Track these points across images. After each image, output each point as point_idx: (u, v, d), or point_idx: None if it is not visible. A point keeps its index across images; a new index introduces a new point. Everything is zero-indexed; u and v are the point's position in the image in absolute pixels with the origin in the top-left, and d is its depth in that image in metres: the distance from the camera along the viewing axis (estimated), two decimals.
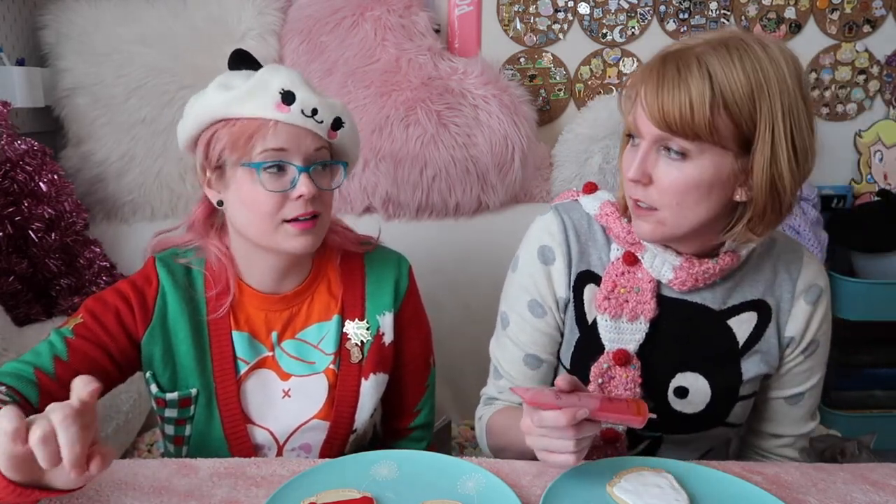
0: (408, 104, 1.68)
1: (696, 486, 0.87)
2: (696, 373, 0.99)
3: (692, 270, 0.94)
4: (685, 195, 0.86)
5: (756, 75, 0.82)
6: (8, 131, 1.50)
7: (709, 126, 0.82)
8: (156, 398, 1.02)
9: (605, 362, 0.98)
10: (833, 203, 1.98)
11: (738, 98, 0.82)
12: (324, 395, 1.06)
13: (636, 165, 0.87)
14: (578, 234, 1.02)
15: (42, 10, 1.74)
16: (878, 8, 1.93)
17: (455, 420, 1.70)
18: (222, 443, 1.03)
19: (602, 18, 1.93)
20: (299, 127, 0.96)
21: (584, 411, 0.78)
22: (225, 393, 1.03)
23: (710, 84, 0.82)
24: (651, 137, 0.87)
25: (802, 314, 1.00)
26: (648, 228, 0.91)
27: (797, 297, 1.00)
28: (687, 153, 0.85)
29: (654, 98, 0.84)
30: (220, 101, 0.96)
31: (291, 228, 0.97)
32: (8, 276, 1.49)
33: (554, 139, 1.92)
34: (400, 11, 1.76)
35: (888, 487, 0.89)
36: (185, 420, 1.04)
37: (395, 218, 1.75)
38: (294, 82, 0.96)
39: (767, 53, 0.84)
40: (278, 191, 0.95)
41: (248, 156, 0.95)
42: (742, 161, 0.85)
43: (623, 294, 0.97)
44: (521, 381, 1.06)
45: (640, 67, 0.92)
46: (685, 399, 0.99)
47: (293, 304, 1.07)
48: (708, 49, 0.84)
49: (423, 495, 0.84)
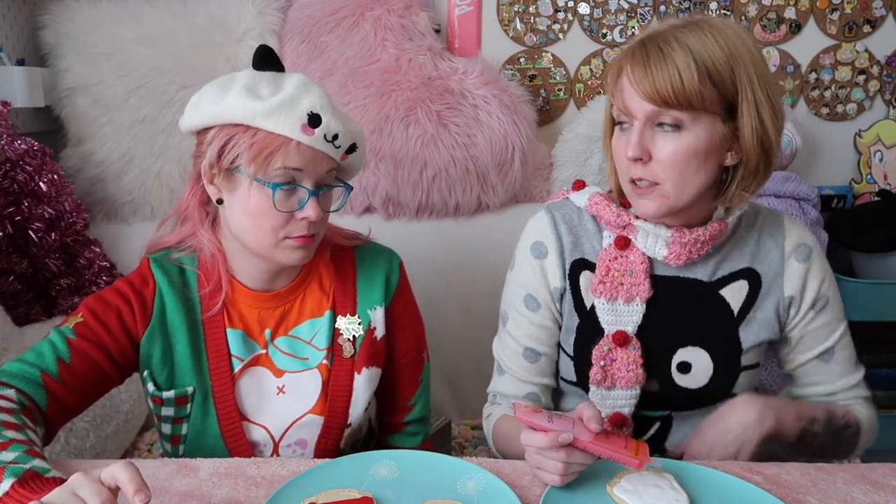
0: (408, 104, 1.68)
1: (696, 486, 0.87)
2: (696, 347, 1.02)
3: (684, 240, 0.97)
4: (686, 164, 0.92)
5: (728, 47, 0.90)
6: (8, 131, 1.50)
7: (699, 94, 0.89)
8: (152, 396, 1.03)
9: (605, 345, 1.01)
10: (833, 203, 1.98)
11: (719, 67, 0.89)
12: (318, 391, 1.07)
13: (635, 143, 0.92)
14: (569, 227, 1.06)
15: (42, 10, 1.74)
16: (878, 8, 1.93)
17: (455, 420, 1.70)
18: (219, 440, 1.03)
19: (602, 18, 1.93)
20: (317, 150, 0.96)
21: (568, 436, 0.81)
22: (221, 390, 1.03)
23: (692, 57, 0.89)
24: (644, 116, 0.92)
25: (797, 273, 1.03)
26: (653, 205, 0.95)
27: (787, 258, 1.04)
28: (681, 124, 0.91)
29: (644, 76, 0.90)
30: (247, 108, 0.94)
31: (292, 243, 0.98)
32: (8, 276, 1.49)
33: (554, 139, 1.92)
34: (400, 11, 1.76)
35: (888, 487, 0.89)
36: (181, 418, 1.04)
37: (395, 218, 1.75)
38: (322, 105, 0.96)
39: (731, 29, 0.93)
40: (288, 211, 0.96)
41: (264, 172, 0.95)
42: (730, 125, 0.92)
43: (617, 277, 1.01)
44: (521, 374, 1.09)
45: (619, 55, 0.98)
46: (689, 374, 1.02)
47: (286, 302, 1.08)
48: (681, 30, 0.92)
49: (423, 495, 0.84)
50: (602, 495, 0.85)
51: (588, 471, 0.87)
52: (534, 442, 0.83)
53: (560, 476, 0.83)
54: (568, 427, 0.83)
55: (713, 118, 0.91)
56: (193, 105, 0.99)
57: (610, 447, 0.83)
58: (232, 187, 0.98)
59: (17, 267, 1.50)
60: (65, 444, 1.33)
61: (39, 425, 0.90)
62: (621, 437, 0.85)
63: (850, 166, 2.02)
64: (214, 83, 0.99)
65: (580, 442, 0.82)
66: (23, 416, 0.87)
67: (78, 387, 0.95)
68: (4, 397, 0.88)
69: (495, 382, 1.14)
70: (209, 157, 0.97)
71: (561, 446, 0.81)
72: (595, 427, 0.83)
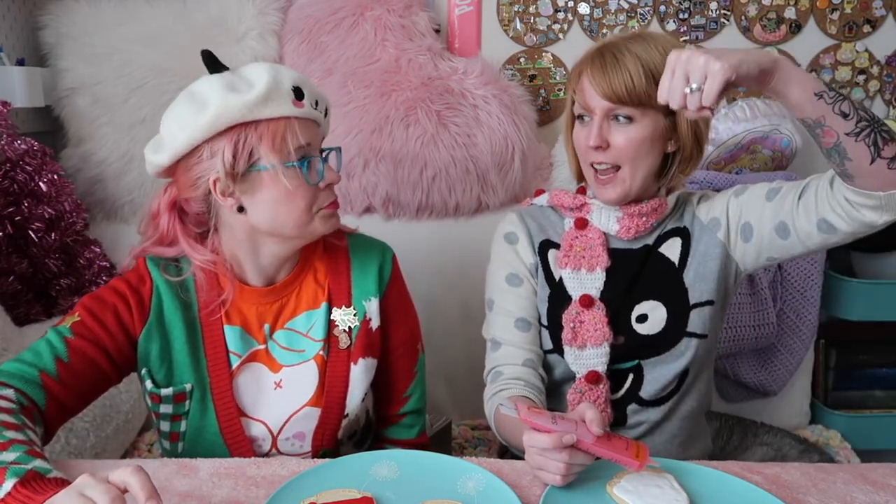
0: (408, 104, 1.68)
1: (696, 486, 0.87)
2: (650, 300, 1.15)
3: (630, 212, 1.14)
4: (638, 149, 1.09)
5: (664, 53, 1.03)
6: (8, 131, 1.50)
7: (646, 94, 1.05)
8: (150, 394, 1.03)
9: (573, 309, 1.14)
10: None
11: (660, 69, 0.99)
12: (314, 383, 1.08)
13: (595, 133, 1.08)
14: (534, 217, 1.23)
15: (42, 10, 1.74)
16: (878, 8, 1.93)
17: (455, 420, 1.70)
18: (217, 437, 1.04)
19: (602, 18, 1.93)
20: (309, 119, 1.01)
21: (571, 437, 0.83)
22: (219, 387, 1.04)
23: (640, 63, 1.06)
24: (602, 111, 1.08)
25: (704, 209, 1.18)
26: (612, 191, 1.12)
27: (698, 208, 1.19)
28: (633, 117, 1.08)
29: (603, 79, 1.06)
30: (241, 104, 0.94)
31: (325, 212, 1.04)
32: (8, 276, 1.49)
33: (554, 139, 1.91)
34: (400, 11, 1.76)
35: (888, 487, 0.89)
36: (180, 416, 1.05)
37: (395, 218, 1.75)
38: (297, 78, 1.01)
39: (668, 40, 1.09)
40: (317, 183, 1.01)
41: (286, 155, 0.98)
42: (669, 119, 1.10)
43: (579, 252, 1.17)
44: (516, 342, 1.16)
45: (579, 60, 1.13)
46: (647, 323, 1.14)
47: (283, 296, 1.09)
48: (629, 41, 1.09)
49: (423, 495, 0.84)
50: (602, 495, 0.85)
51: (588, 471, 0.88)
52: (537, 443, 0.84)
53: (562, 476, 0.84)
54: (571, 428, 0.84)
55: (657, 113, 1.08)
56: (170, 136, 0.99)
57: (611, 449, 0.84)
58: (253, 188, 0.99)
59: (17, 267, 1.50)
60: (65, 444, 1.33)
61: (39, 425, 0.90)
62: (622, 438, 0.87)
63: None
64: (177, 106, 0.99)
65: (583, 443, 0.83)
66: (22, 416, 0.87)
67: (76, 386, 0.96)
68: (4, 397, 0.88)
69: (492, 359, 1.18)
70: (220, 169, 0.96)
71: (564, 447, 0.83)
72: (597, 430, 0.84)
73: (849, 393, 1.89)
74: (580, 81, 1.11)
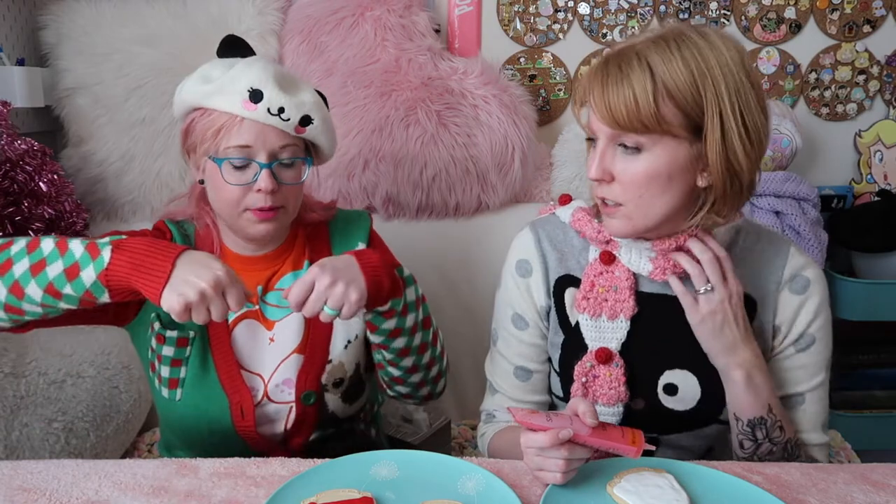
0: (408, 104, 1.68)
1: (696, 486, 0.87)
2: (683, 369, 0.99)
3: (664, 248, 0.95)
4: (646, 187, 0.89)
5: (696, 62, 0.86)
6: (8, 131, 1.50)
7: (655, 117, 0.86)
8: (157, 335, 1.08)
9: (588, 361, 1.00)
10: (833, 203, 1.98)
11: (681, 86, 0.85)
12: (300, 330, 1.12)
13: (595, 164, 0.91)
14: (553, 243, 1.06)
15: (42, 10, 1.74)
16: (878, 8, 1.93)
17: (455, 420, 1.70)
18: (216, 384, 1.08)
19: (602, 18, 1.93)
20: (264, 124, 1.02)
21: (568, 432, 0.82)
22: (217, 338, 1.09)
23: (650, 76, 0.85)
24: (605, 136, 0.91)
25: (789, 304, 1.00)
26: (618, 224, 0.94)
27: (782, 286, 1.00)
28: (641, 146, 0.88)
29: (601, 98, 0.88)
30: (198, 91, 1.04)
31: (252, 216, 1.05)
32: None
33: (554, 139, 1.91)
34: (400, 11, 1.76)
35: (888, 487, 0.89)
36: (180, 361, 1.09)
37: (395, 218, 1.75)
38: (263, 80, 1.02)
39: (707, 41, 0.87)
40: (239, 184, 1.03)
41: (214, 149, 1.04)
42: (697, 147, 0.88)
43: (602, 293, 0.99)
44: (513, 393, 1.10)
45: (587, 72, 0.95)
46: (676, 396, 1.00)
47: (274, 265, 1.15)
48: (648, 45, 0.88)
49: (423, 495, 0.84)
50: (602, 495, 0.85)
51: (588, 471, 0.88)
52: (535, 443, 0.83)
53: (562, 474, 0.83)
54: (566, 424, 0.84)
55: (676, 141, 0.88)
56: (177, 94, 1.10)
57: (608, 438, 0.85)
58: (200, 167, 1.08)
59: None
60: (65, 445, 1.33)
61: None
62: (617, 427, 0.88)
63: (850, 166, 2.02)
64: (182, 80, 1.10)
65: (579, 437, 0.84)
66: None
67: None
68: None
69: (488, 402, 1.15)
70: (181, 142, 1.10)
71: (562, 443, 0.82)
72: (591, 421, 0.84)
73: (849, 393, 1.89)
74: (588, 97, 0.93)
